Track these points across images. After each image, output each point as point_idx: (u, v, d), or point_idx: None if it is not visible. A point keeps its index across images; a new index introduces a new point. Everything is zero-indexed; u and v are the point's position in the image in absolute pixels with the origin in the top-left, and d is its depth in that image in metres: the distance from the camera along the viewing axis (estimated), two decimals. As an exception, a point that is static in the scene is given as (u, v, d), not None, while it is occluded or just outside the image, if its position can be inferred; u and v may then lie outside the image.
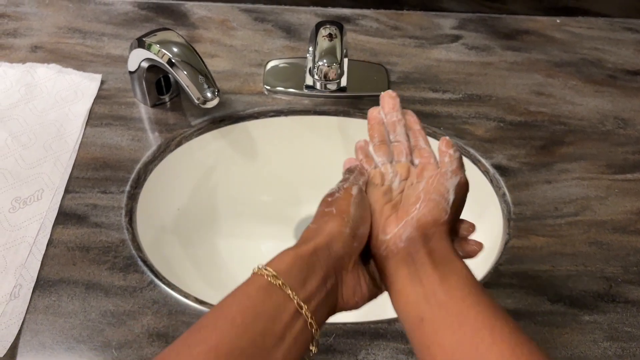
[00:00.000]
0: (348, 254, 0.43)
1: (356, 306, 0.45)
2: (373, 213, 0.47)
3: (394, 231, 0.45)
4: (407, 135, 0.52)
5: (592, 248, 0.62)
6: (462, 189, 0.47)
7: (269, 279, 0.39)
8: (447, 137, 0.50)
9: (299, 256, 0.41)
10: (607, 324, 0.56)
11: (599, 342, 0.54)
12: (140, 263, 0.58)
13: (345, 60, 0.74)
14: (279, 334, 0.37)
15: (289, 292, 0.38)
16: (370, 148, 0.53)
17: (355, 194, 0.46)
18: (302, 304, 0.39)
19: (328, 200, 0.46)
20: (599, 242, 0.62)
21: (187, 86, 0.64)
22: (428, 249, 0.43)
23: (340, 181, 0.49)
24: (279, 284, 0.38)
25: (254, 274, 0.40)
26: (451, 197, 0.46)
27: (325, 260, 0.42)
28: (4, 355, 0.51)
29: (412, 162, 0.51)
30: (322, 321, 0.41)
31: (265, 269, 0.39)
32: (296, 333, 0.38)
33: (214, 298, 0.54)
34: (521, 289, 0.58)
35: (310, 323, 0.39)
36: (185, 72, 0.64)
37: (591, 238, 0.63)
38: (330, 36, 0.68)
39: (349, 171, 0.50)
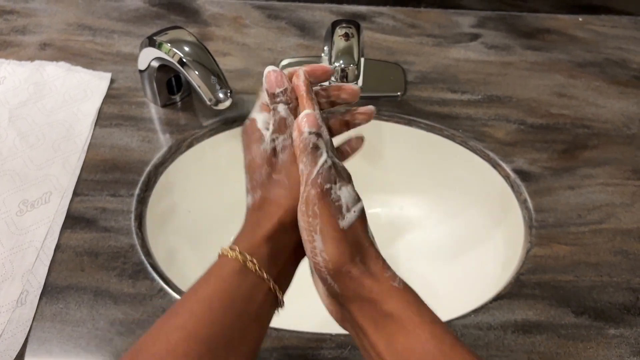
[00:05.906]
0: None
1: None
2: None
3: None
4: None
5: (617, 257, 0.60)
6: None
7: (245, 263, 0.38)
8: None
9: (267, 237, 0.40)
10: (634, 338, 0.54)
11: (625, 358, 0.52)
12: (150, 270, 0.57)
13: (362, 60, 0.72)
14: (253, 314, 0.38)
15: (264, 275, 0.38)
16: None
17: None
18: (275, 284, 0.39)
19: (272, 160, 0.41)
20: (625, 251, 0.60)
21: (199, 87, 0.63)
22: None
23: (275, 118, 0.42)
24: (254, 268, 0.38)
25: (224, 255, 0.39)
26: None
27: (293, 235, 0.40)
28: (11, 364, 0.50)
29: None
30: (289, 284, 0.42)
31: (240, 253, 0.39)
32: (268, 308, 0.39)
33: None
34: (543, 300, 0.56)
35: (281, 297, 0.40)
36: (197, 72, 0.62)
37: (616, 247, 0.60)
38: (347, 36, 0.66)
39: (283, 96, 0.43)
